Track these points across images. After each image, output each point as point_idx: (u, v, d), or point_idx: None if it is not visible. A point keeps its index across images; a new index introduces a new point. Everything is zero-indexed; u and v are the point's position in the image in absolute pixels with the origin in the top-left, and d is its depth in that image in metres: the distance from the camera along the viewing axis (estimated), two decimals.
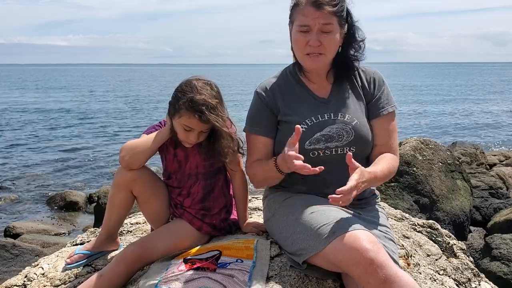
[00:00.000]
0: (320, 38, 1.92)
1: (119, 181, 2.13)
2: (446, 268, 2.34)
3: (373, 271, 1.56)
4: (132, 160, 2.07)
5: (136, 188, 2.14)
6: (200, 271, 1.85)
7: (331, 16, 1.90)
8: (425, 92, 39.05)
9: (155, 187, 2.20)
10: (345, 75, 2.09)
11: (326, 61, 2.00)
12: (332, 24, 1.91)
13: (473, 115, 22.98)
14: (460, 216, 5.23)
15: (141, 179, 2.13)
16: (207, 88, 2.02)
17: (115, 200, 2.17)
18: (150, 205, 2.22)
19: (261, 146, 2.07)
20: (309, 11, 1.90)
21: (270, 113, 2.06)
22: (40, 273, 2.25)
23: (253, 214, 2.66)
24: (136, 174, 2.10)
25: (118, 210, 2.20)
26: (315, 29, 1.91)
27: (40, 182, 10.10)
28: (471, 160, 9.09)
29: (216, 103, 2.01)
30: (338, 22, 1.93)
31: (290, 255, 1.89)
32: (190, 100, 1.97)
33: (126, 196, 2.15)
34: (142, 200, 2.20)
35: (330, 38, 1.93)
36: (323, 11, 1.88)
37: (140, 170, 2.12)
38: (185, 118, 2.01)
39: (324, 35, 1.92)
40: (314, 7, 1.89)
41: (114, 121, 21.05)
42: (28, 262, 4.49)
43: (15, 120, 20.78)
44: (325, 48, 1.94)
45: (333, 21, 1.91)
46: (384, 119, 2.06)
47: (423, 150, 5.38)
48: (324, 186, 2.00)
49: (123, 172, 2.11)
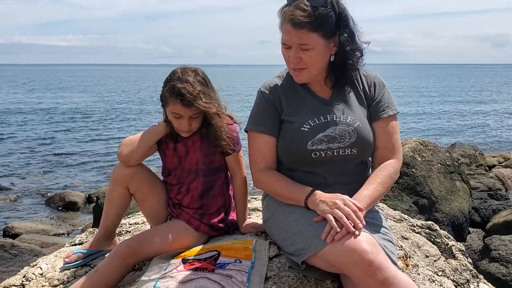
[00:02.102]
0: (299, 54, 1.89)
1: (116, 176, 2.17)
2: (444, 269, 2.34)
3: (372, 272, 1.56)
4: (130, 154, 2.11)
5: (132, 185, 2.17)
6: (198, 272, 1.85)
7: (307, 34, 1.85)
8: (424, 94, 39.09)
9: (152, 184, 2.23)
10: (343, 81, 2.07)
11: (311, 74, 1.98)
12: (310, 43, 1.87)
13: (473, 116, 23.01)
14: (459, 217, 5.23)
15: (138, 175, 2.17)
16: (190, 74, 2.07)
17: (113, 196, 2.21)
18: (148, 203, 2.24)
19: (263, 145, 2.04)
20: (287, 28, 1.88)
21: (273, 112, 2.05)
22: (39, 273, 2.25)
23: (252, 215, 2.66)
24: (133, 170, 2.15)
25: (115, 207, 2.22)
26: (293, 46, 1.90)
27: (39, 182, 10.10)
28: (470, 161, 9.10)
29: (200, 87, 2.05)
30: (319, 36, 1.87)
31: (289, 256, 1.88)
32: (172, 86, 2.03)
33: (123, 192, 2.18)
34: (139, 197, 2.22)
35: (310, 55, 1.89)
36: (298, 31, 1.85)
37: (137, 166, 2.16)
38: (172, 105, 2.06)
39: (303, 52, 1.89)
40: (291, 25, 1.86)
41: (114, 121, 21.06)
42: (26, 262, 4.48)
43: (14, 120, 20.78)
44: (305, 63, 1.92)
45: (312, 37, 1.86)
46: (385, 121, 2.05)
47: (422, 152, 5.38)
48: (325, 186, 2.00)
49: (121, 167, 2.16)
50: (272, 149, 2.05)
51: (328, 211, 1.74)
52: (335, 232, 1.66)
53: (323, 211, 1.77)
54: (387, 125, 2.05)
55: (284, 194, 1.97)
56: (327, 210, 1.75)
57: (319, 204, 1.80)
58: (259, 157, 2.05)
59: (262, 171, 2.04)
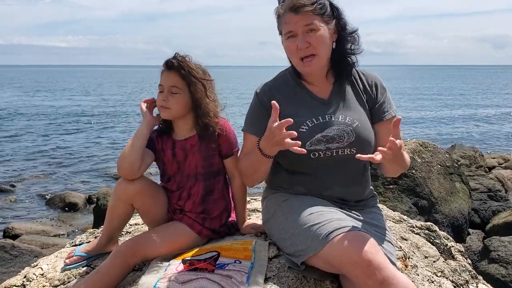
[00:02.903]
0: (307, 39, 1.94)
1: (120, 194, 2.11)
2: (444, 270, 2.35)
3: (370, 272, 1.57)
4: (128, 165, 2.04)
5: (137, 202, 2.12)
6: (198, 272, 1.86)
7: (311, 16, 1.92)
8: (424, 95, 39.08)
9: (156, 197, 2.18)
10: (346, 73, 2.10)
11: (321, 62, 2.01)
12: (315, 23, 1.93)
13: (472, 117, 23.00)
14: (459, 218, 5.24)
15: (142, 193, 2.11)
16: (187, 56, 2.10)
17: (116, 212, 2.17)
18: (151, 214, 2.22)
19: (254, 146, 2.06)
20: (289, 17, 1.94)
21: (267, 115, 2.06)
22: (39, 274, 2.26)
23: (252, 216, 2.66)
24: (137, 188, 2.08)
25: (118, 220, 2.21)
26: (299, 32, 1.94)
27: (40, 183, 10.10)
28: (470, 162, 9.10)
29: (190, 62, 2.07)
30: (321, 20, 1.95)
31: (289, 256, 1.89)
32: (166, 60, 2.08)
33: (127, 208, 2.15)
34: (143, 211, 2.20)
35: (317, 36, 1.94)
36: (301, 14, 1.92)
37: (141, 183, 2.09)
38: (161, 76, 2.09)
39: (310, 34, 1.94)
40: (293, 12, 1.93)
41: (114, 122, 21.06)
42: (27, 263, 4.48)
43: (14, 121, 20.78)
44: (315, 47, 1.95)
45: (315, 20, 1.93)
46: (388, 123, 2.07)
47: (422, 153, 5.39)
48: (324, 187, 2.01)
49: (125, 185, 2.09)
50: None
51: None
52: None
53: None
54: (389, 126, 2.07)
55: (250, 162, 2.02)
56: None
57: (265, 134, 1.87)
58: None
59: (238, 162, 2.14)
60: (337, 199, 2.03)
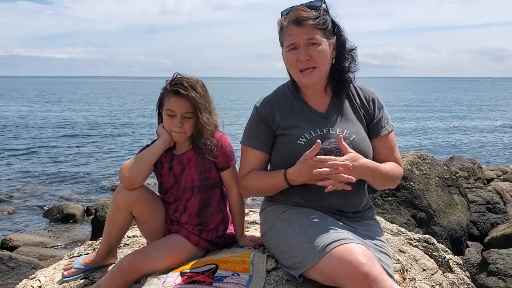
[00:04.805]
0: (308, 52, 1.97)
1: (119, 202, 2.12)
2: (442, 282, 2.35)
3: (367, 285, 1.58)
4: (132, 177, 2.07)
5: (136, 210, 2.14)
6: (196, 285, 1.86)
7: (313, 30, 1.96)
8: (422, 107, 39.19)
9: (154, 207, 2.20)
10: (343, 89, 2.13)
11: (321, 75, 2.04)
12: (317, 37, 1.96)
13: (471, 129, 23.05)
14: (457, 231, 5.23)
15: (141, 200, 2.13)
16: (191, 76, 2.14)
17: (115, 220, 2.17)
18: (149, 224, 2.23)
19: (253, 159, 2.12)
20: (292, 29, 1.98)
21: (266, 129, 2.09)
22: (37, 286, 2.25)
23: (250, 228, 2.67)
24: (136, 195, 2.10)
25: (118, 229, 2.21)
26: (301, 44, 1.97)
27: (37, 195, 10.07)
28: (469, 174, 9.11)
29: (196, 83, 2.11)
30: (323, 35, 1.98)
31: (287, 269, 1.90)
32: (170, 80, 2.11)
33: (126, 217, 2.16)
34: (141, 220, 2.21)
35: (318, 50, 1.97)
36: (304, 26, 1.95)
37: (140, 191, 2.11)
38: (166, 102, 2.10)
39: (311, 48, 1.97)
40: (296, 25, 1.97)
41: (113, 134, 21.06)
42: (24, 275, 4.47)
43: (13, 132, 20.78)
44: (315, 60, 1.98)
45: (317, 34, 1.96)
46: (385, 137, 2.13)
47: (420, 165, 5.39)
48: (322, 199, 2.02)
49: (123, 193, 2.11)
50: (262, 163, 2.13)
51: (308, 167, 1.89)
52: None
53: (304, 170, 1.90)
54: (387, 141, 2.13)
55: (266, 185, 2.06)
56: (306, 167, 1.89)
57: (297, 164, 1.92)
58: (247, 169, 2.12)
59: (244, 178, 2.13)
60: (335, 210, 2.04)
